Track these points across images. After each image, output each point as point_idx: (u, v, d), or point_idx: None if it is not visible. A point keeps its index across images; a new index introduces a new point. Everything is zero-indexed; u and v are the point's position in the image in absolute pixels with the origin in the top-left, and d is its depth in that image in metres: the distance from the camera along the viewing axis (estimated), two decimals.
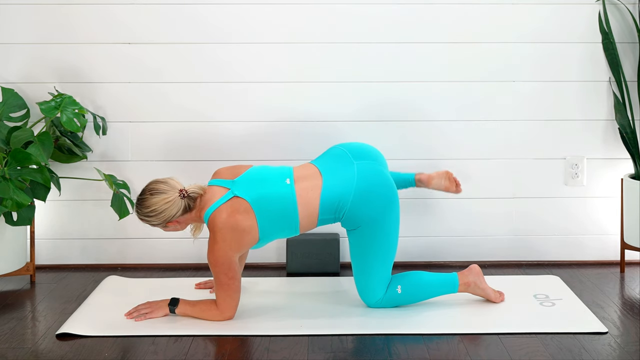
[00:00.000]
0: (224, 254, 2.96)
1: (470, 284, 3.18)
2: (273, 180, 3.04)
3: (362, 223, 3.05)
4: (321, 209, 3.02)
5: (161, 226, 3.04)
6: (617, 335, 2.93)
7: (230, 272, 2.98)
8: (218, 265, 2.97)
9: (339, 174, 3.06)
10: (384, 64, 3.73)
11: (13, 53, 3.70)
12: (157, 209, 2.97)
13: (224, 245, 2.96)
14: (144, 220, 3.02)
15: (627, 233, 3.65)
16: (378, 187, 3.06)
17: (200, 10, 3.69)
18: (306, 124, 3.74)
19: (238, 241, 2.97)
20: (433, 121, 3.76)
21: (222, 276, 2.98)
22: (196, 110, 3.74)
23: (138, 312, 3.06)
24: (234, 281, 3.00)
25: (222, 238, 2.95)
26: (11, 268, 3.47)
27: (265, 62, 3.72)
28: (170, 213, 2.98)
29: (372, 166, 3.10)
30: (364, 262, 3.10)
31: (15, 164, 3.26)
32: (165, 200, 2.97)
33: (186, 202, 3.00)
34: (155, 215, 2.98)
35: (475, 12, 3.72)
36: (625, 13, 3.73)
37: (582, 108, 3.78)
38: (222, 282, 2.99)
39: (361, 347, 2.83)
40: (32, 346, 2.87)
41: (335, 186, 3.03)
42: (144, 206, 2.99)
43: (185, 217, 3.04)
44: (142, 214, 3.00)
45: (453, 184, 3.39)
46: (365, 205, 3.03)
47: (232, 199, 2.99)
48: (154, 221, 3.00)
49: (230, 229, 2.95)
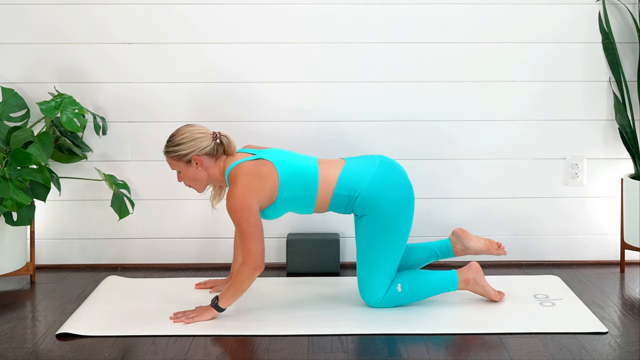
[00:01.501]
0: (244, 197, 2.99)
1: (469, 281, 3.18)
2: (298, 156, 3.17)
3: (374, 209, 3.07)
4: (339, 183, 3.09)
5: (185, 161, 3.07)
6: (617, 335, 2.93)
7: (252, 218, 2.99)
8: (239, 210, 2.98)
9: (362, 161, 3.17)
10: (383, 64, 3.73)
11: (13, 53, 3.70)
12: (189, 136, 3.06)
13: (245, 189, 3.00)
14: (170, 152, 3.07)
15: (627, 233, 3.65)
16: (397, 178, 3.13)
17: (200, 10, 3.69)
18: (308, 124, 3.74)
19: (259, 187, 3.02)
20: (433, 121, 3.76)
21: (244, 223, 2.98)
22: (196, 110, 3.74)
23: (186, 317, 3.04)
24: (256, 228, 2.99)
25: (243, 182, 3.01)
26: (11, 268, 3.47)
27: (268, 62, 3.72)
28: (200, 145, 3.05)
29: (394, 162, 3.21)
30: (369, 255, 3.11)
31: (15, 164, 3.26)
32: (198, 131, 3.09)
33: (216, 144, 3.08)
34: (185, 142, 3.05)
35: (475, 12, 3.72)
36: (625, 13, 3.73)
37: (582, 108, 3.78)
38: (244, 229, 2.99)
39: (361, 347, 2.83)
40: (32, 346, 2.87)
41: (356, 168, 3.13)
42: (176, 135, 3.09)
43: (209, 163, 3.09)
44: (173, 143, 3.07)
45: (494, 244, 3.29)
46: (381, 191, 3.07)
47: (257, 159, 3.08)
48: (183, 149, 3.05)
49: (251, 174, 3.03)
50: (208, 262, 3.81)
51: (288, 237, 3.71)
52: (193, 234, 3.81)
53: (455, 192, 3.80)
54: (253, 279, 3.02)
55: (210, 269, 3.76)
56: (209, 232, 3.79)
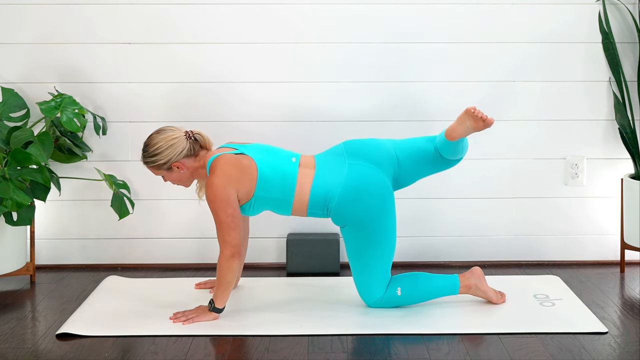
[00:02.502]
0: (223, 187, 2.98)
1: (471, 287, 3.17)
2: (280, 154, 3.13)
3: (351, 221, 3.06)
4: (310, 199, 3.06)
5: (166, 168, 3.06)
6: (617, 335, 2.93)
7: (229, 208, 2.98)
8: (217, 200, 2.98)
9: (330, 170, 3.09)
10: (383, 64, 3.73)
11: (13, 53, 3.70)
12: (162, 145, 3.04)
13: (223, 178, 2.99)
14: (149, 163, 3.07)
15: (627, 233, 3.65)
16: (368, 187, 3.06)
17: (199, 10, 3.69)
18: (308, 124, 3.74)
19: (237, 177, 3.01)
20: (433, 121, 3.75)
21: (221, 213, 2.98)
22: (197, 110, 3.74)
23: (185, 317, 3.04)
24: (233, 219, 2.99)
25: (221, 172, 3.00)
26: (11, 268, 3.47)
27: (266, 62, 3.72)
28: (176, 151, 3.04)
29: (363, 167, 3.09)
30: (359, 261, 3.11)
31: (15, 164, 3.26)
32: (170, 137, 3.05)
33: (191, 144, 3.06)
34: (161, 152, 3.03)
35: (475, 12, 3.72)
36: (625, 13, 3.73)
37: (582, 108, 3.78)
38: (221, 219, 2.98)
39: (361, 347, 2.83)
40: (32, 346, 2.87)
41: (324, 182, 3.07)
42: (150, 145, 3.06)
43: (190, 163, 3.08)
44: (149, 154, 3.06)
45: (479, 120, 2.99)
46: (353, 204, 3.04)
47: (238, 154, 3.07)
48: (160, 160, 3.04)
49: (230, 164, 3.02)
50: (208, 262, 3.80)
51: (288, 237, 3.71)
52: (193, 234, 3.81)
53: (455, 192, 3.80)
54: (234, 268, 3.00)
55: (210, 269, 3.76)
56: (208, 232, 3.78)
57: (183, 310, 3.09)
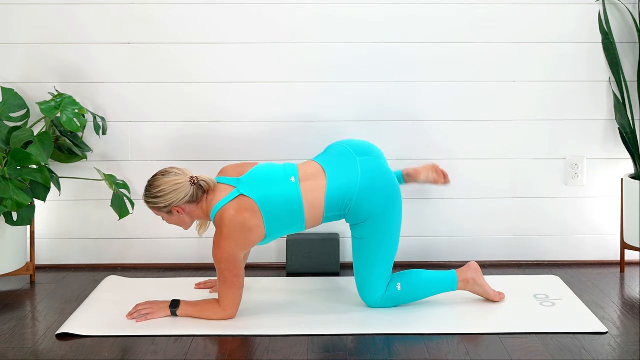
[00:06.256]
0: (230, 250, 2.97)
1: (469, 281, 3.18)
2: (278, 179, 3.06)
3: (367, 217, 3.07)
4: (327, 207, 3.06)
5: (166, 212, 3.04)
6: (617, 335, 2.93)
7: (235, 269, 2.99)
8: (223, 261, 2.98)
9: (343, 171, 3.09)
10: (383, 63, 3.73)
11: (13, 53, 3.70)
12: (166, 189, 2.99)
13: (231, 242, 2.97)
14: (150, 203, 3.04)
15: (627, 233, 3.65)
16: (382, 182, 3.09)
17: (199, 10, 3.69)
18: (306, 124, 3.74)
19: (244, 239, 2.99)
20: (433, 121, 3.76)
21: (227, 273, 2.99)
22: (197, 110, 3.74)
23: (138, 313, 3.06)
24: (238, 278, 3.01)
25: (229, 235, 2.97)
26: (11, 268, 3.47)
27: (265, 62, 3.72)
28: (178, 196, 3.00)
29: (375, 162, 3.13)
30: (366, 258, 3.11)
31: (15, 164, 3.26)
32: (174, 182, 3.00)
33: (195, 190, 3.02)
34: (163, 196, 2.99)
35: (475, 12, 3.72)
36: (625, 13, 3.73)
37: (582, 108, 3.78)
38: (227, 279, 2.99)
39: (361, 347, 2.83)
40: (32, 346, 2.87)
41: (340, 184, 3.06)
42: (153, 186, 3.02)
43: (191, 209, 3.05)
44: (151, 195, 3.02)
45: (441, 175, 3.45)
46: (369, 200, 3.05)
47: (238, 197, 3.01)
48: (161, 203, 3.01)
49: (237, 226, 2.97)
50: (208, 262, 3.80)
51: (288, 237, 3.71)
52: (193, 234, 3.80)
53: (455, 192, 3.80)
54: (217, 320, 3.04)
55: (210, 269, 3.76)
56: (208, 232, 3.77)
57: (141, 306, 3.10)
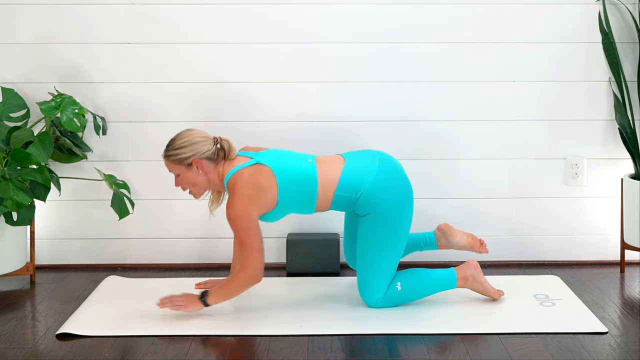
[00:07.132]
0: (243, 208, 2.99)
1: (468, 278, 3.19)
2: (295, 157, 3.15)
3: (376, 208, 3.07)
4: (340, 185, 3.08)
5: (186, 164, 3.06)
6: (617, 335, 2.93)
7: (251, 229, 3.00)
8: (237, 220, 2.99)
9: (361, 159, 3.16)
10: (383, 64, 3.73)
11: (13, 53, 3.70)
12: (191, 139, 3.06)
13: (243, 199, 3.00)
14: (172, 156, 3.06)
15: (627, 233, 3.65)
16: (398, 176, 3.14)
17: (200, 10, 3.69)
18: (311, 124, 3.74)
19: (257, 197, 3.02)
20: (433, 121, 3.76)
21: (242, 233, 3.00)
22: (197, 110, 3.74)
23: (172, 304, 3.05)
24: (255, 239, 3.00)
25: (242, 193, 3.01)
26: (11, 268, 3.47)
27: (270, 63, 3.72)
28: (202, 149, 3.05)
29: (393, 161, 3.21)
30: (370, 254, 3.11)
31: (15, 164, 3.26)
32: (200, 134, 3.09)
33: (216, 149, 3.08)
34: (188, 145, 3.05)
35: (475, 12, 3.72)
36: (625, 13, 3.73)
37: (582, 108, 3.78)
38: (243, 240, 3.00)
39: (361, 347, 2.83)
40: (32, 346, 2.87)
41: (357, 167, 3.12)
42: (178, 137, 3.09)
43: (209, 168, 3.09)
44: (174, 147, 3.06)
45: (477, 241, 3.37)
46: (383, 190, 3.08)
47: (255, 164, 3.07)
48: (185, 153, 3.04)
49: (250, 185, 3.02)
50: (208, 262, 3.81)
51: (288, 237, 3.71)
52: (193, 234, 3.81)
53: (455, 192, 3.80)
54: (246, 288, 3.04)
55: (210, 269, 3.76)
56: (209, 232, 3.79)
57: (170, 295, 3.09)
